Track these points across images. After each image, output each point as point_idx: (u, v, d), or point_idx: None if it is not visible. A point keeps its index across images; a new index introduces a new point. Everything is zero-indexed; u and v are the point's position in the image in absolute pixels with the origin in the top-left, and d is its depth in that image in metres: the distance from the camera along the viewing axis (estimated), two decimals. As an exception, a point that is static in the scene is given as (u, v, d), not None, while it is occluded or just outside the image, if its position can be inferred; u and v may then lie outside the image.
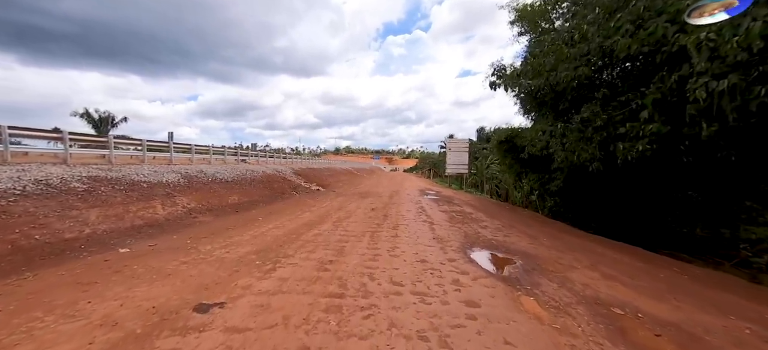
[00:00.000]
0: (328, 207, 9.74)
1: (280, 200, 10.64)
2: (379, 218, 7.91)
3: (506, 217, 9.33)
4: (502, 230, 7.00)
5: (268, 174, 13.92)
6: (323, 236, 5.76)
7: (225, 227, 6.25)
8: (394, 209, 9.81)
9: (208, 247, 4.80)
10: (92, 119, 39.45)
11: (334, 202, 11.12)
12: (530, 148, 10.94)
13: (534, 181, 12.37)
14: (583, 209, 10.58)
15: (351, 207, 9.90)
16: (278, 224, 6.75)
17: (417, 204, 11.23)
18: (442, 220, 8.07)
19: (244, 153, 16.70)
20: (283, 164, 20.97)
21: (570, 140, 8.08)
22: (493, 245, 5.58)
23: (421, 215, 8.79)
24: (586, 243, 6.16)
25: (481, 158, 31.36)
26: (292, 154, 47.28)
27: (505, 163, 13.87)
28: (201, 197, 8.17)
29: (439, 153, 61.99)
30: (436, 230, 6.72)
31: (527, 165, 12.12)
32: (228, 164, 14.11)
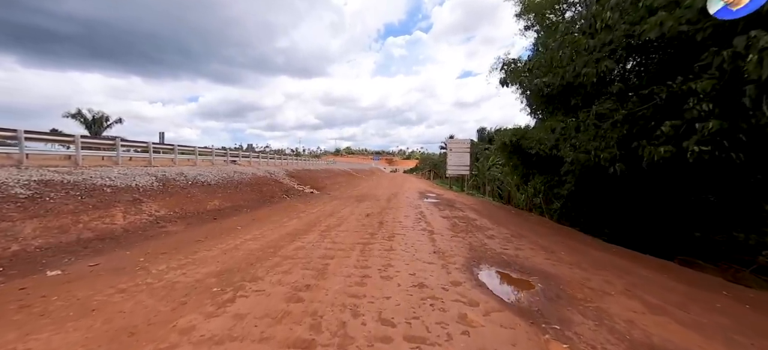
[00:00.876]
0: (318, 213, 8.92)
1: (267, 205, 9.82)
2: (373, 226, 7.09)
3: (514, 224, 8.50)
4: (512, 240, 6.18)
5: (258, 176, 13.11)
6: (306, 251, 4.94)
7: (194, 238, 5.43)
8: (391, 214, 8.98)
9: (162, 267, 3.98)
10: (85, 119, 38.74)
11: (327, 207, 10.30)
12: (538, 148, 10.13)
13: (541, 184, 11.54)
14: (595, 214, 9.77)
15: (344, 213, 9.08)
16: (258, 235, 5.93)
17: (416, 209, 10.40)
18: (444, 228, 7.25)
19: (234, 154, 15.94)
20: (278, 165, 20.17)
21: (583, 139, 7.26)
22: (504, 261, 4.76)
23: (421, 222, 7.97)
24: (612, 258, 5.33)
25: (482, 158, 30.54)
26: (291, 155, 46.43)
27: (510, 164, 13.04)
28: (175, 202, 7.35)
29: (440, 154, 61.19)
30: (437, 241, 5.90)
31: (534, 167, 11.31)
32: (216, 165, 13.32)
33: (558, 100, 11.40)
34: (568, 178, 9.27)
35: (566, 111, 10.60)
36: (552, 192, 10.85)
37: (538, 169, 11.13)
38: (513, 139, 11.22)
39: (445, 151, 54.38)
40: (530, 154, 10.85)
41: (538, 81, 6.99)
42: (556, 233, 7.73)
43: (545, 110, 12.02)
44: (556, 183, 10.29)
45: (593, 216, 9.90)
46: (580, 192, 9.31)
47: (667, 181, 7.04)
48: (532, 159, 11.21)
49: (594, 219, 9.95)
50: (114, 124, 39.90)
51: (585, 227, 10.14)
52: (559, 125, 8.18)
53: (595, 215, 9.91)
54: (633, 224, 8.34)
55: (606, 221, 9.66)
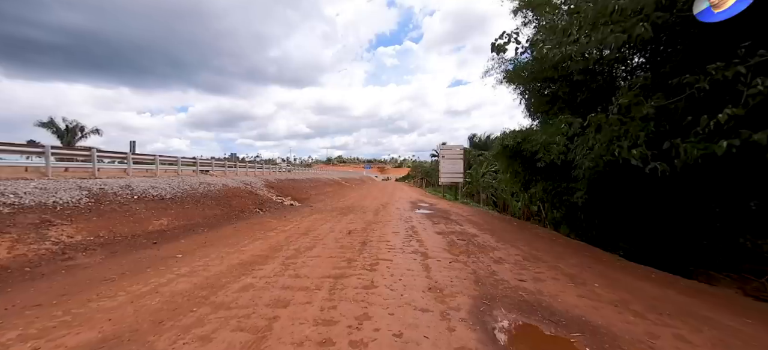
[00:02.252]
0: (292, 230, 7.53)
1: (232, 222, 8.38)
2: (354, 249, 5.75)
3: (521, 240, 7.26)
4: (527, 266, 4.91)
5: (230, 188, 11.64)
6: (253, 293, 3.57)
7: (103, 276, 4.00)
8: (377, 231, 7.65)
9: (10, 335, 2.56)
10: (58, 129, 36.69)
11: (304, 222, 8.91)
12: (543, 153, 8.99)
13: (544, 191, 10.37)
14: (609, 225, 8.64)
15: (323, 230, 7.71)
16: (198, 266, 4.53)
17: (407, 223, 9.10)
18: (440, 248, 5.95)
19: (206, 163, 14.43)
20: (258, 175, 18.67)
21: (604, 138, 6.11)
22: (525, 302, 3.47)
23: (412, 240, 6.66)
24: (662, 292, 4.09)
25: (475, 165, 29.55)
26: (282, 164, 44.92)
27: (510, 171, 11.88)
28: (104, 224, 5.88)
29: (431, 162, 60.24)
30: (433, 269, 4.59)
31: (538, 172, 10.16)
32: (182, 175, 11.82)
33: (563, 98, 10.36)
34: (580, 185, 8.12)
35: (573, 111, 9.54)
36: (559, 201, 9.69)
37: (541, 175, 9.99)
38: (514, 142, 10.08)
39: (437, 158, 53.41)
40: (533, 158, 9.72)
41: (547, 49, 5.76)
42: (573, 251, 6.51)
43: (548, 111, 10.96)
44: (564, 190, 9.14)
45: (607, 228, 8.76)
46: (593, 201, 8.16)
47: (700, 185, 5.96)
48: (536, 164, 10.08)
49: (608, 231, 8.80)
50: (90, 134, 37.85)
51: (597, 240, 8.99)
52: (575, 123, 7.02)
53: (610, 227, 8.77)
54: (654, 235, 7.24)
55: (622, 233, 8.52)
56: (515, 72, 12.55)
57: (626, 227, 8.27)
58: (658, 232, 7.21)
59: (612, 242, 8.71)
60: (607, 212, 8.36)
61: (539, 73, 11.26)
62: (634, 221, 7.78)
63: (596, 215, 8.65)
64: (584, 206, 8.49)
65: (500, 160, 12.24)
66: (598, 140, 5.97)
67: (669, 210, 6.67)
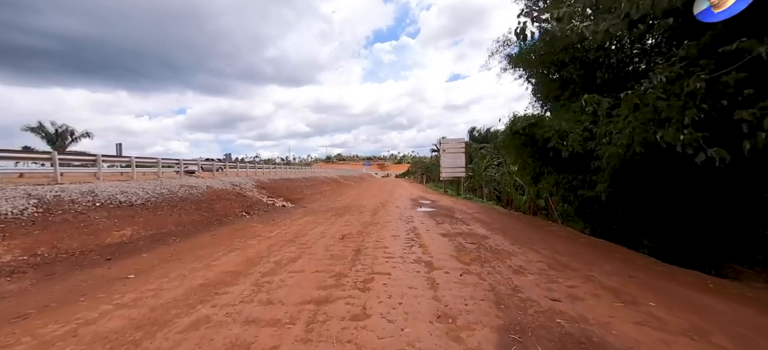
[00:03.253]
0: (277, 237, 6.64)
1: (211, 229, 7.48)
2: (345, 259, 4.86)
3: (538, 240, 6.36)
4: (555, 277, 4.01)
5: (215, 190, 10.74)
6: (204, 332, 2.68)
7: (15, 312, 3.10)
8: (374, 235, 6.76)
9: None
10: (47, 133, 35.80)
11: (294, 226, 8.02)
12: (557, 141, 8.09)
13: (556, 184, 9.45)
14: (633, 220, 7.77)
15: (312, 235, 6.82)
16: (149, 291, 3.64)
17: (408, 223, 8.20)
18: (447, 255, 5.05)
19: (191, 163, 13.52)
20: (250, 175, 17.75)
21: (636, 122, 5.21)
22: (569, 337, 2.57)
23: (413, 245, 5.77)
24: (730, 308, 3.20)
25: (477, 159, 28.62)
26: (281, 163, 44.14)
27: (520, 161, 10.96)
28: (48, 238, 4.98)
29: (431, 157, 59.30)
30: (441, 286, 3.70)
31: (550, 163, 9.26)
32: (163, 178, 10.91)
33: (577, 82, 9.42)
34: (601, 176, 7.21)
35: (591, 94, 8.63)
36: (573, 194, 8.78)
37: (554, 165, 9.07)
38: (525, 126, 9.15)
39: (436, 153, 52.43)
40: (546, 147, 8.81)
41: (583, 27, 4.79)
42: (601, 253, 5.63)
43: (560, 97, 10.02)
44: (581, 183, 8.24)
45: (630, 223, 7.88)
46: (617, 194, 7.26)
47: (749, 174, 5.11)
48: (548, 153, 9.17)
49: (631, 226, 7.93)
50: (80, 138, 36.98)
51: (618, 236, 8.13)
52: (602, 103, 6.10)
53: (633, 222, 7.89)
54: (684, 230, 6.42)
55: (647, 228, 7.64)
56: (521, 56, 11.60)
57: (652, 221, 7.38)
58: (689, 226, 6.35)
59: (635, 238, 7.84)
60: (631, 206, 7.48)
61: (548, 56, 10.33)
62: (662, 215, 6.90)
63: (619, 209, 7.76)
64: (606, 200, 7.59)
65: (509, 148, 11.31)
66: (632, 123, 5.05)
67: (706, 202, 5.78)
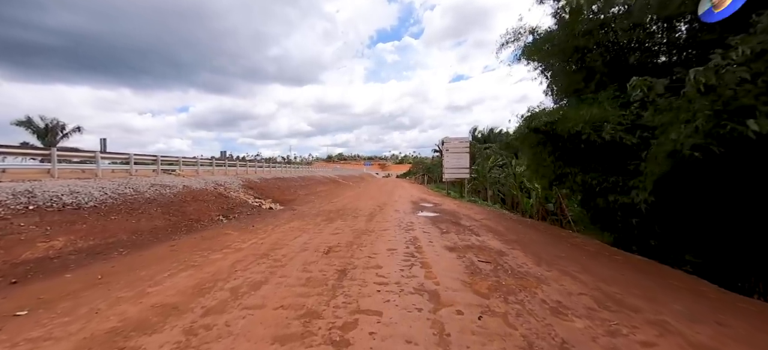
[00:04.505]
0: (249, 249, 5.49)
1: (173, 238, 6.34)
2: (325, 286, 3.70)
3: (569, 259, 5.18)
4: (612, 322, 2.84)
5: (192, 191, 9.60)
6: None
7: None
8: (366, 248, 5.60)
9: None
10: (37, 128, 34.82)
11: (274, 234, 6.88)
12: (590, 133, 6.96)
13: (582, 185, 8.28)
14: (678, 232, 6.65)
15: (293, 246, 5.68)
16: (29, 339, 2.49)
17: (407, 232, 7.04)
18: (457, 281, 3.89)
19: (172, 161, 12.37)
20: (241, 173, 16.62)
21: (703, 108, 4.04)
22: None
23: (414, 265, 4.60)
24: None
25: (480, 159, 27.44)
26: (282, 162, 43.32)
27: (536, 161, 9.77)
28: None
29: (433, 158, 58.18)
30: (454, 340, 2.53)
31: (576, 162, 8.05)
32: (136, 176, 9.79)
33: (603, 71, 8.24)
34: (641, 181, 6.02)
35: (622, 84, 7.47)
36: (603, 199, 7.57)
37: (581, 165, 7.88)
38: (547, 122, 7.97)
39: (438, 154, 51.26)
40: (572, 144, 7.64)
41: None
42: (653, 279, 4.44)
43: (583, 90, 8.83)
44: (612, 186, 7.04)
45: (672, 236, 6.73)
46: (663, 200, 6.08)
47: None
48: (574, 151, 7.99)
49: (672, 240, 6.78)
50: (72, 133, 35.97)
51: (651, 249, 6.97)
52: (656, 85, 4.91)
53: (674, 235, 6.74)
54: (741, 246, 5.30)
55: (693, 242, 6.52)
56: (536, 46, 10.43)
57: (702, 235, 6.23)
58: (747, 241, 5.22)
59: (674, 253, 6.68)
60: (677, 216, 6.32)
61: (568, 43, 9.15)
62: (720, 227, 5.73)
63: (660, 218, 6.59)
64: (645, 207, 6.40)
65: (523, 147, 10.13)
66: (703, 111, 3.86)
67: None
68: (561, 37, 9.33)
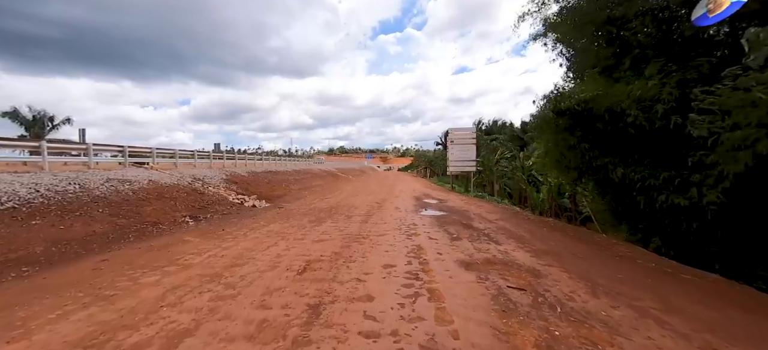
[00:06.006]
0: (200, 267, 4.17)
1: (111, 249, 5.02)
2: (285, 336, 2.37)
3: (628, 280, 3.81)
4: None
5: (159, 186, 8.27)
6: None
7: None
8: (356, 263, 4.26)
9: None
10: (24, 119, 33.44)
11: (244, 241, 5.55)
12: (637, 115, 5.60)
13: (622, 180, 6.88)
14: (748, 242, 5.31)
15: (261, 262, 4.35)
16: None
17: (409, 238, 5.69)
18: (488, 336, 2.53)
19: (142, 153, 11.00)
20: (229, 166, 15.29)
21: None
22: None
23: (419, 293, 3.25)
24: None
25: (485, 152, 25.99)
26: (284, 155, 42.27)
27: (559, 150, 8.33)
28: None
29: (435, 150, 56.61)
30: None
31: (614, 151, 6.62)
32: (96, 169, 8.47)
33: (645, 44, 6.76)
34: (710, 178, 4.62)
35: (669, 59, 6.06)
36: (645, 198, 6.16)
37: (619, 155, 6.46)
38: (577, 102, 6.55)
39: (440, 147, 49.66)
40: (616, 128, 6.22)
41: None
42: (754, 315, 3.06)
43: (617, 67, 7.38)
44: (663, 183, 5.63)
45: (738, 245, 5.41)
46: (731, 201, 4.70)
47: None
48: (610, 139, 6.58)
49: (738, 250, 5.47)
50: (61, 125, 34.64)
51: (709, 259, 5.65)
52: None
53: (746, 244, 5.42)
54: None
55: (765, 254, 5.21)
56: (561, 18, 8.98)
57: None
58: None
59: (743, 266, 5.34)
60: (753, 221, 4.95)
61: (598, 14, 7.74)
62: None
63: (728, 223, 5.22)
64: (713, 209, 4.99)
65: (545, 135, 8.69)
66: None
67: None
68: (591, 6, 7.87)
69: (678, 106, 5.53)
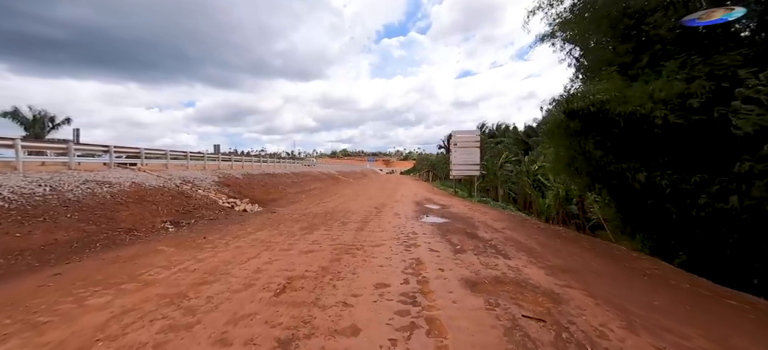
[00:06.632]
0: (165, 283, 3.61)
1: (69, 260, 4.49)
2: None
3: (669, 311, 3.20)
4: None
5: (142, 189, 7.75)
6: None
7: None
8: (344, 281, 3.68)
9: None
10: (24, 119, 33.20)
11: (224, 252, 4.99)
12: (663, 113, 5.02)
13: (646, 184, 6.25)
14: None
15: (236, 278, 3.79)
16: None
17: (408, 250, 5.09)
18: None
19: (130, 153, 10.50)
20: (224, 168, 14.80)
21: None
22: None
23: (416, 325, 2.65)
24: None
25: (489, 156, 25.35)
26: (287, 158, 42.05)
27: (571, 154, 7.72)
28: None
29: (437, 154, 55.91)
30: None
31: (633, 155, 5.97)
32: (77, 170, 7.97)
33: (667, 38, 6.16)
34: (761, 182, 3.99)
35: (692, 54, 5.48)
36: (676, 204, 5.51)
37: (640, 159, 5.82)
38: (593, 103, 5.96)
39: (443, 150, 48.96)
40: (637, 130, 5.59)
41: None
42: None
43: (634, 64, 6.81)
44: (696, 188, 4.99)
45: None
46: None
47: None
48: (630, 141, 5.95)
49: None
50: (61, 125, 34.42)
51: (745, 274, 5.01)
52: None
53: None
54: None
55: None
56: (575, 17, 8.50)
57: None
58: None
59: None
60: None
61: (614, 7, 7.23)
62: None
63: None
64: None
65: (555, 138, 8.08)
66: None
67: None
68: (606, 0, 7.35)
69: (713, 98, 4.95)
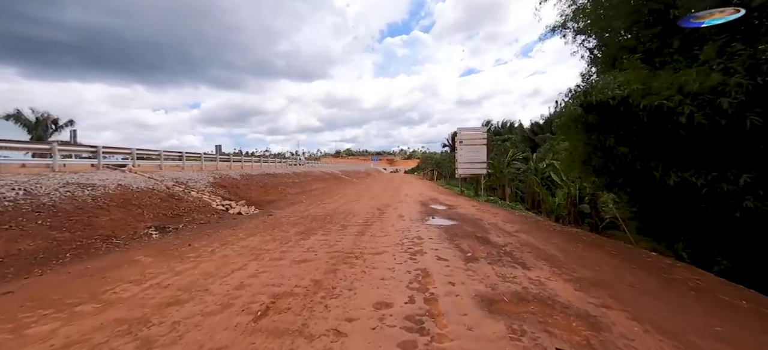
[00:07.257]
0: (130, 304, 3.10)
1: (27, 275, 4.02)
2: None
3: (734, 339, 2.58)
4: None
5: (129, 191, 7.28)
6: None
7: None
8: (339, 299, 3.12)
9: None
10: (26, 121, 33.14)
11: (207, 263, 4.48)
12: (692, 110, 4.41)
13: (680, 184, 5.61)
14: None
15: (214, 295, 3.25)
16: None
17: (413, 258, 4.52)
18: None
19: (124, 152, 10.04)
20: (222, 168, 14.35)
21: None
22: None
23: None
24: None
25: (496, 154, 24.65)
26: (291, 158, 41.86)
27: (587, 151, 7.07)
28: None
29: (442, 152, 55.24)
30: None
31: (662, 154, 5.32)
32: (61, 172, 7.54)
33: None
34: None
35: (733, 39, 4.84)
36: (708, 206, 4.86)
37: (666, 158, 5.17)
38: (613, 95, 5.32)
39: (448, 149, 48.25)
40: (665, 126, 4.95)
41: None
42: None
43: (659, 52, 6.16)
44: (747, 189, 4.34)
45: None
46: None
47: None
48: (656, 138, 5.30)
49: None
50: (65, 126, 34.37)
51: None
52: None
53: None
54: None
55: None
56: (593, 5, 7.92)
57: None
58: None
59: None
60: None
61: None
62: None
63: None
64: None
65: (571, 134, 7.43)
66: None
67: None
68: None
69: (750, 100, 4.29)
